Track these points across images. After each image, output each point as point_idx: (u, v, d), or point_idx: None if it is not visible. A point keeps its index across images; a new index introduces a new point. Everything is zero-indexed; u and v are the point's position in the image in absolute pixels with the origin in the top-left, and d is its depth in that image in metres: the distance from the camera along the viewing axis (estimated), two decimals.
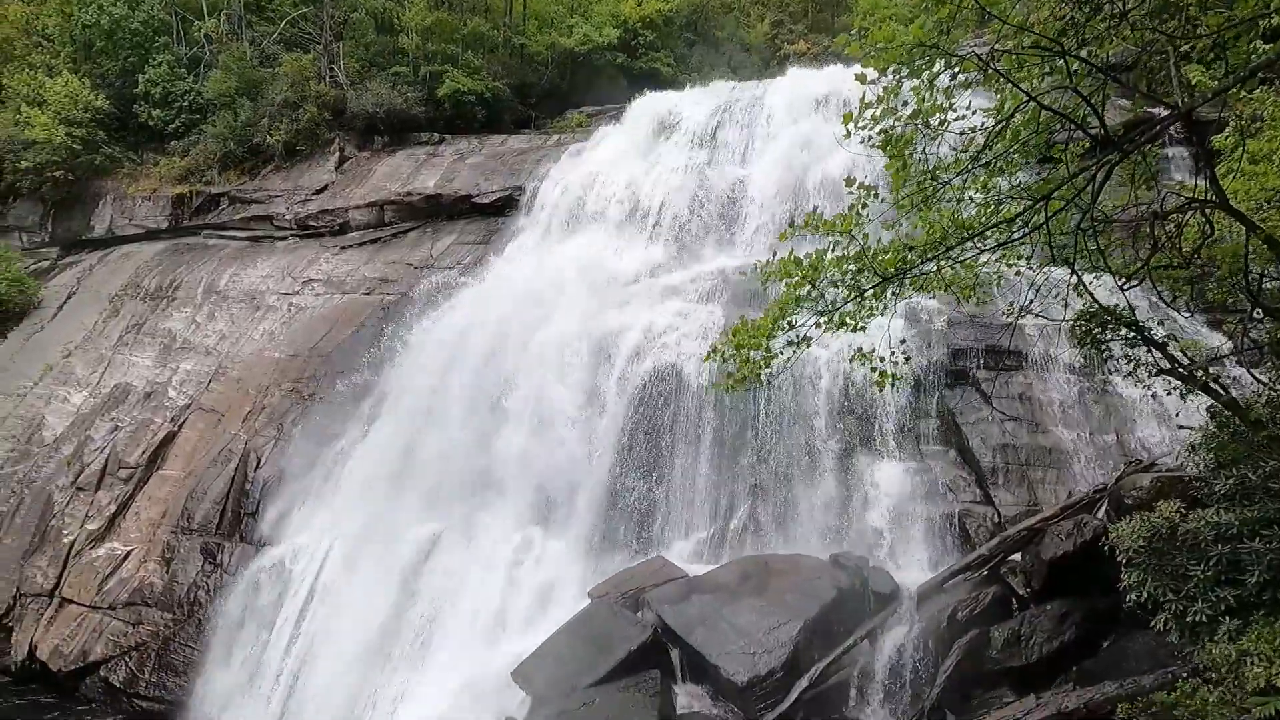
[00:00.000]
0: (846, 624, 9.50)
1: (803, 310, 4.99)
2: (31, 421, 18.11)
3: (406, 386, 14.80)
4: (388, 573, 12.18)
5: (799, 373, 11.98)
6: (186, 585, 14.02)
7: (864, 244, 4.77)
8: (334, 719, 11.01)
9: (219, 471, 15.41)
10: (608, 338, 13.56)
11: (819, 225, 4.82)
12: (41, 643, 14.39)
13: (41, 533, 15.76)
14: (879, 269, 4.77)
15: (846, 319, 5.13)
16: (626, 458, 12.41)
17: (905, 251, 4.75)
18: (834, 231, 4.80)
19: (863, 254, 4.73)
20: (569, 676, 9.28)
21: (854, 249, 4.77)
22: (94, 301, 20.75)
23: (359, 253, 19.81)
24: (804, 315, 5.04)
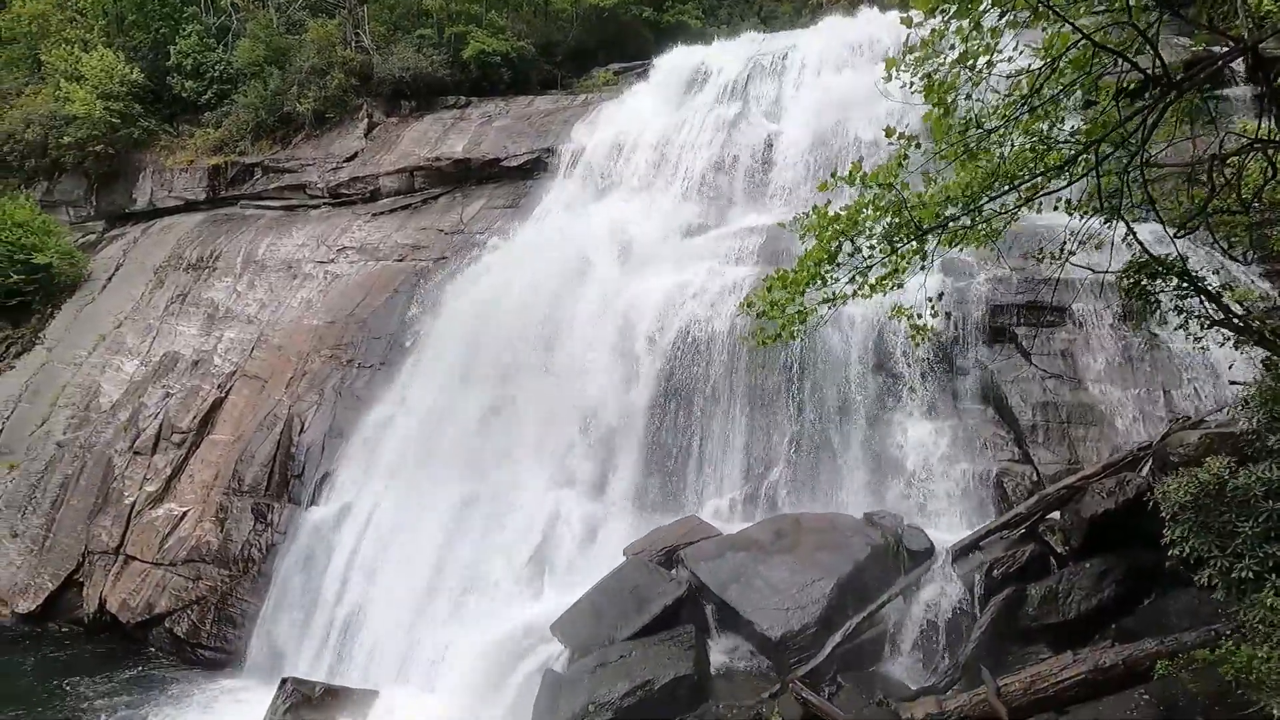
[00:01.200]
0: (880, 581, 9.53)
1: (838, 266, 4.88)
2: (89, 389, 18.93)
3: (440, 351, 15.04)
4: (428, 532, 12.58)
5: (833, 330, 11.83)
6: (240, 543, 14.70)
7: (903, 196, 4.60)
8: (384, 669, 11.52)
9: (265, 436, 15.96)
10: (638, 299, 13.54)
11: (860, 177, 4.64)
12: (110, 597, 15.29)
13: (104, 494, 16.61)
14: (918, 221, 4.60)
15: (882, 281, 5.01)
16: (659, 418, 12.49)
17: (945, 203, 4.57)
18: (874, 184, 4.63)
19: (901, 207, 4.56)
20: (606, 630, 9.53)
21: (892, 202, 4.60)
22: (140, 273, 21.39)
23: (390, 219, 19.97)
24: (839, 271, 4.93)
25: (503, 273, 15.49)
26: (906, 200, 4.54)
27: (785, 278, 4.92)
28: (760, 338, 5.42)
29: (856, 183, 4.66)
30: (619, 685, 8.65)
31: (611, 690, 8.59)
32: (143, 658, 14.21)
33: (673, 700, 8.50)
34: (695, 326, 12.85)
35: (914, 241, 4.74)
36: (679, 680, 8.59)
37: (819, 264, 4.76)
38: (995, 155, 4.78)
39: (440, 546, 12.35)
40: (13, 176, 23.91)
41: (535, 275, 14.93)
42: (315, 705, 10.42)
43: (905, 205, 4.53)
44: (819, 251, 4.74)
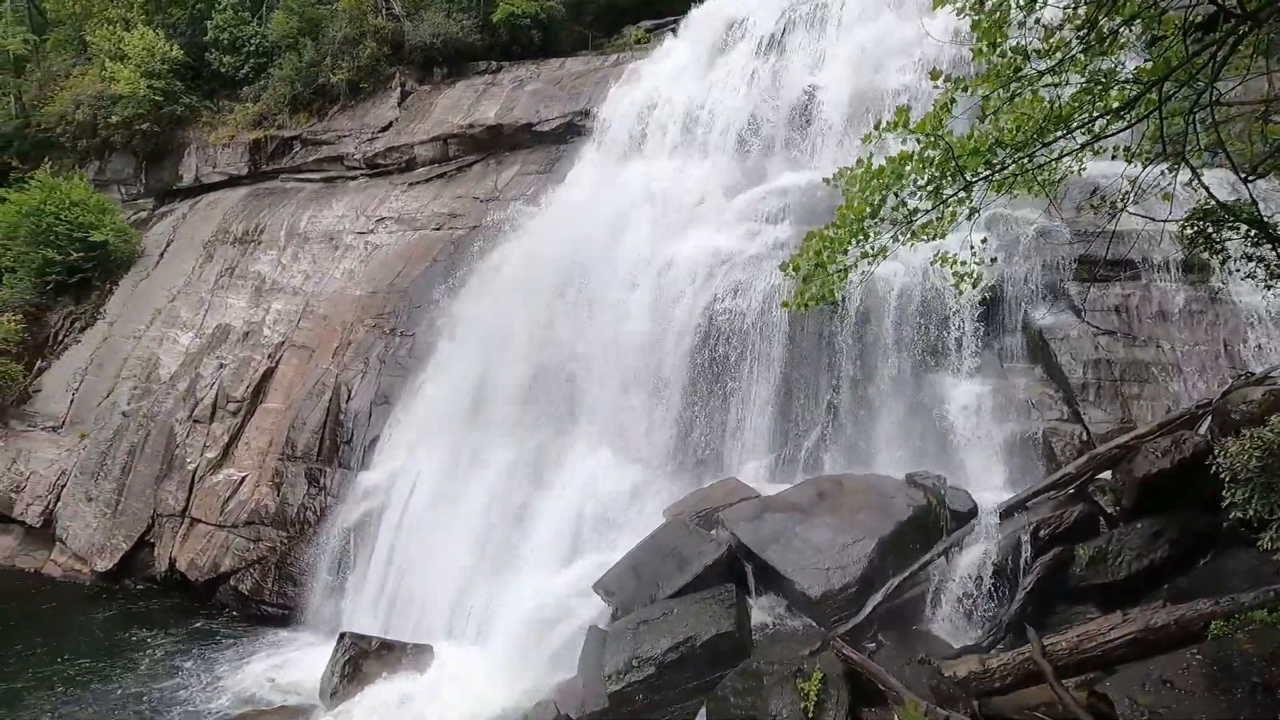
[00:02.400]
0: (922, 542, 9.48)
1: (880, 221, 4.72)
2: (149, 361, 19.77)
3: (479, 318, 15.22)
4: (474, 494, 12.93)
5: (874, 288, 11.58)
6: (296, 506, 15.35)
7: (949, 144, 4.40)
8: (434, 625, 12.01)
9: (315, 403, 16.50)
10: (675, 261, 13.44)
11: (906, 125, 4.45)
12: (179, 556, 16.19)
13: (168, 461, 17.46)
14: (965, 170, 4.41)
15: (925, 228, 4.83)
16: (697, 381, 12.49)
17: (994, 149, 4.36)
18: (920, 133, 4.43)
19: (947, 156, 4.37)
20: (647, 588, 9.72)
21: (938, 151, 4.41)
22: (189, 248, 22.07)
23: (427, 188, 20.11)
24: (882, 225, 4.78)
25: (538, 239, 15.51)
26: (953, 148, 4.34)
27: (826, 236, 4.79)
28: (801, 299, 5.32)
29: (900, 132, 4.47)
30: (662, 641, 8.86)
31: (655, 646, 8.81)
32: (211, 613, 15.08)
33: (715, 656, 8.67)
34: (733, 288, 12.72)
35: (961, 191, 4.54)
36: (721, 637, 8.75)
37: (861, 219, 4.61)
38: (1049, 97, 4.53)
39: (485, 508, 12.70)
40: (66, 157, 24.74)
41: (570, 241, 14.90)
42: (372, 658, 10.94)
43: (952, 154, 4.34)
44: (861, 206, 4.58)
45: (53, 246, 21.29)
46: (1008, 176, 4.73)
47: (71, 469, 18.57)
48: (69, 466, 18.67)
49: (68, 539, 17.61)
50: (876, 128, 4.77)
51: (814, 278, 4.93)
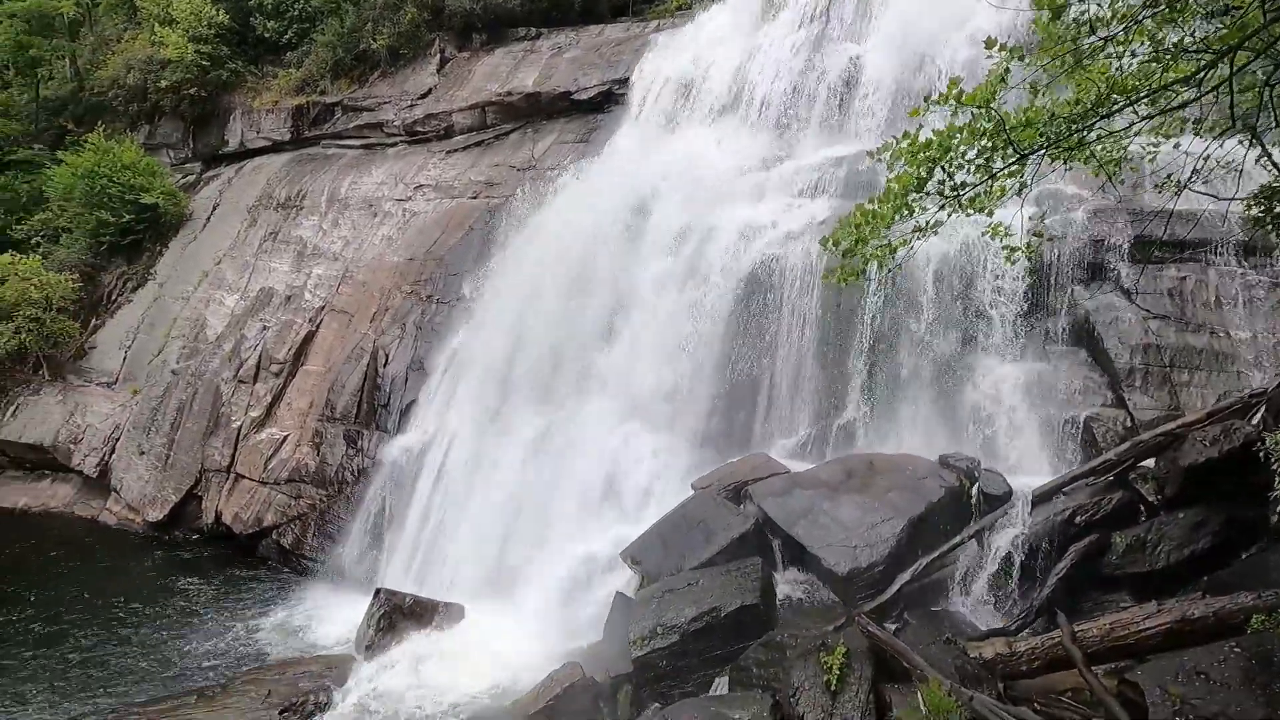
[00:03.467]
0: (953, 524, 9.39)
1: (925, 196, 4.58)
2: (196, 322, 20.42)
3: (512, 287, 15.32)
4: (506, 460, 13.17)
5: (913, 267, 11.32)
6: (335, 466, 15.83)
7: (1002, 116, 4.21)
8: (466, 585, 12.35)
9: (353, 367, 16.90)
10: (709, 234, 13.31)
11: (955, 96, 4.28)
12: (225, 510, 16.88)
13: (214, 418, 18.12)
14: (1018, 144, 4.23)
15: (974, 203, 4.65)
16: (729, 355, 12.44)
17: (1049, 123, 4.17)
18: (971, 105, 4.25)
19: (999, 128, 4.19)
20: (674, 558, 9.84)
21: (990, 123, 4.23)
22: (235, 212, 22.57)
23: (464, 156, 20.16)
24: (926, 201, 4.64)
25: (574, 209, 15.48)
26: (1006, 121, 4.16)
27: (868, 210, 4.66)
28: (842, 274, 5.21)
29: (950, 104, 4.31)
30: (686, 610, 8.98)
31: (679, 615, 8.93)
32: (254, 564, 15.75)
33: (738, 627, 8.77)
34: (769, 263, 12.57)
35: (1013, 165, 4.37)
36: (745, 609, 8.83)
37: (906, 193, 4.48)
38: (1111, 68, 4.31)
39: (517, 474, 12.94)
40: (118, 121, 25.38)
41: (606, 211, 14.85)
42: (406, 614, 11.33)
43: (1004, 126, 4.17)
44: (907, 180, 4.44)
45: (106, 208, 21.98)
46: (1063, 151, 4.54)
47: (125, 423, 19.40)
48: (122, 421, 19.50)
49: (122, 489, 18.47)
50: (926, 100, 4.61)
51: (854, 253, 4.82)
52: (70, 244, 23.00)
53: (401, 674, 10.36)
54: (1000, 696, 6.45)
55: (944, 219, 4.78)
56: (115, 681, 11.39)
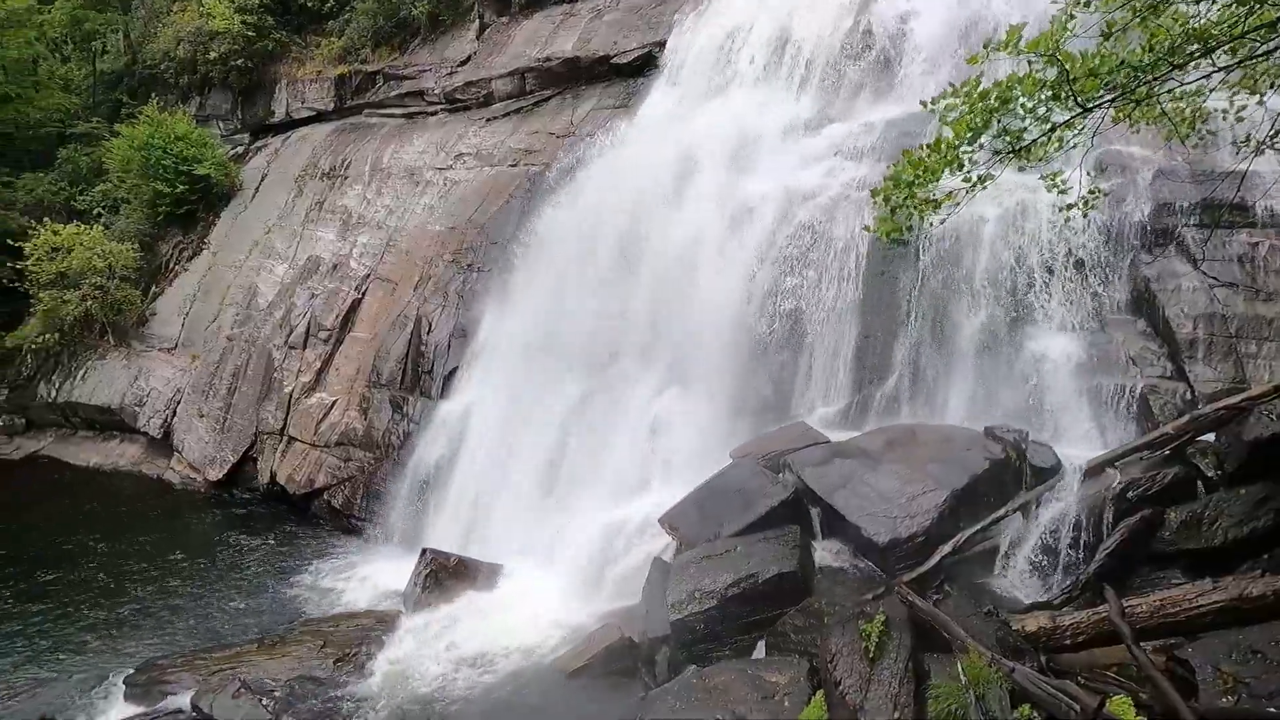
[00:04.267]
0: (998, 496, 9.21)
1: (979, 149, 4.37)
2: (249, 290, 21.08)
3: (552, 255, 15.38)
4: (545, 425, 13.38)
5: (963, 229, 10.96)
6: (381, 430, 16.31)
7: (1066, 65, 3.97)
8: (507, 546, 12.68)
9: (398, 335, 17.27)
10: (750, 199, 13.08)
11: (1018, 45, 4.04)
12: (279, 471, 17.60)
13: (268, 383, 18.79)
14: (1081, 96, 3.99)
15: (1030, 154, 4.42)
16: (769, 323, 12.31)
17: (1116, 71, 3.92)
18: (1034, 52, 4.01)
19: (1062, 77, 3.96)
20: (712, 526, 9.91)
21: (1053, 72, 3.99)
22: (282, 182, 23.05)
23: (504, 124, 20.12)
24: (980, 154, 4.43)
25: (611, 176, 15.36)
26: (1069, 69, 3.92)
27: (919, 161, 4.48)
28: (885, 228, 5.04)
29: (1010, 51, 4.08)
30: (724, 576, 9.07)
31: (716, 580, 9.03)
32: (307, 523, 16.44)
33: (776, 594, 8.82)
34: (809, 228, 12.32)
35: (1075, 119, 4.14)
36: (783, 576, 8.87)
37: (958, 145, 4.28)
38: (1186, 14, 4.01)
39: (557, 439, 13.14)
40: (170, 93, 26.02)
41: (643, 178, 14.70)
42: (451, 573, 11.72)
43: (1067, 76, 3.93)
44: (960, 131, 4.25)
45: (161, 179, 22.68)
46: (1129, 104, 4.28)
47: (185, 387, 20.29)
48: (183, 385, 20.39)
49: (183, 450, 19.41)
50: (986, 47, 4.37)
51: (901, 207, 4.66)
52: (129, 214, 23.86)
53: (445, 629, 10.75)
54: (1042, 669, 6.37)
55: (997, 174, 4.56)
56: (178, 628, 12.13)
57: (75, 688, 10.43)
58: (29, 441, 22.01)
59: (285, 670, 9.94)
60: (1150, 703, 5.98)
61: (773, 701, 6.95)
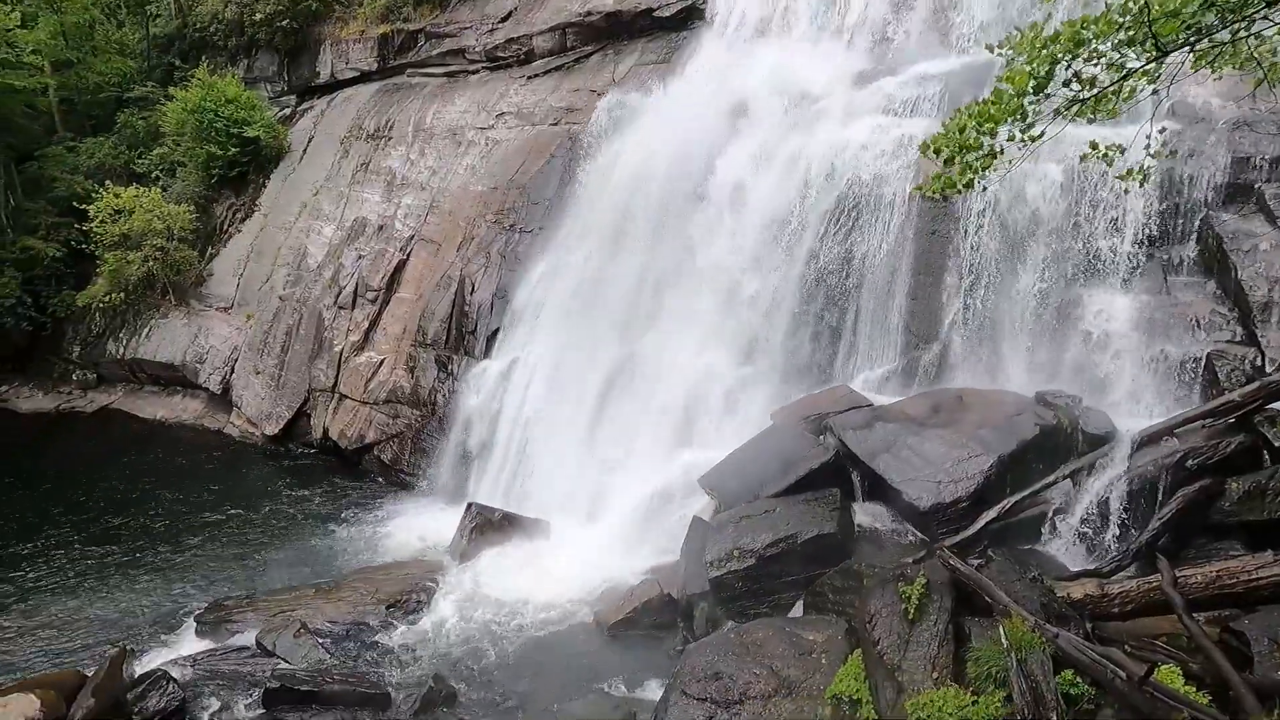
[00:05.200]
0: (1048, 463, 9.02)
1: (1045, 98, 4.10)
2: (299, 251, 21.60)
3: (594, 214, 15.31)
4: (587, 385, 13.52)
5: (1020, 183, 10.49)
6: (428, 388, 16.72)
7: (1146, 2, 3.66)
8: (548, 502, 12.98)
9: (442, 295, 17.53)
10: (798, 157, 12.74)
11: None
12: (331, 427, 18.25)
13: (319, 342, 19.37)
14: (1160, 38, 3.69)
15: (1100, 105, 4.14)
16: (814, 284, 12.10)
17: (1201, 12, 3.61)
18: None
19: (1140, 17, 3.66)
20: (752, 486, 9.97)
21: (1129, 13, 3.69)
22: (329, 144, 23.33)
23: (545, 81, 19.88)
24: (1043, 105, 4.17)
25: (653, 133, 15.10)
26: (1150, 6, 3.62)
27: (977, 112, 4.25)
28: (938, 185, 4.82)
29: None
30: (763, 536, 9.15)
31: (755, 539, 9.12)
32: (358, 477, 17.08)
33: (814, 555, 8.88)
34: (859, 185, 11.96)
35: (1150, 64, 3.85)
36: (822, 537, 8.91)
37: (1021, 94, 4.03)
38: None
39: (598, 399, 13.29)
40: (220, 56, 26.39)
41: (687, 135, 14.41)
42: (495, 527, 12.08)
43: (1146, 15, 3.63)
44: (1024, 78, 3.99)
45: (214, 142, 23.19)
46: (1212, 47, 3.96)
47: (241, 345, 21.07)
48: (239, 343, 21.17)
49: (242, 405, 20.26)
50: None
51: (956, 162, 4.43)
52: (185, 177, 24.53)
53: (491, 580, 11.14)
54: (1088, 636, 6.29)
55: (1063, 125, 4.30)
56: (239, 571, 12.87)
57: (149, 623, 11.19)
58: (101, 395, 23.25)
59: (340, 614, 10.47)
60: (1201, 673, 5.86)
61: (810, 659, 7.05)
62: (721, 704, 6.70)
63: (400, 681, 9.06)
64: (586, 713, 7.61)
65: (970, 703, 5.68)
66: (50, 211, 24.41)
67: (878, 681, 6.24)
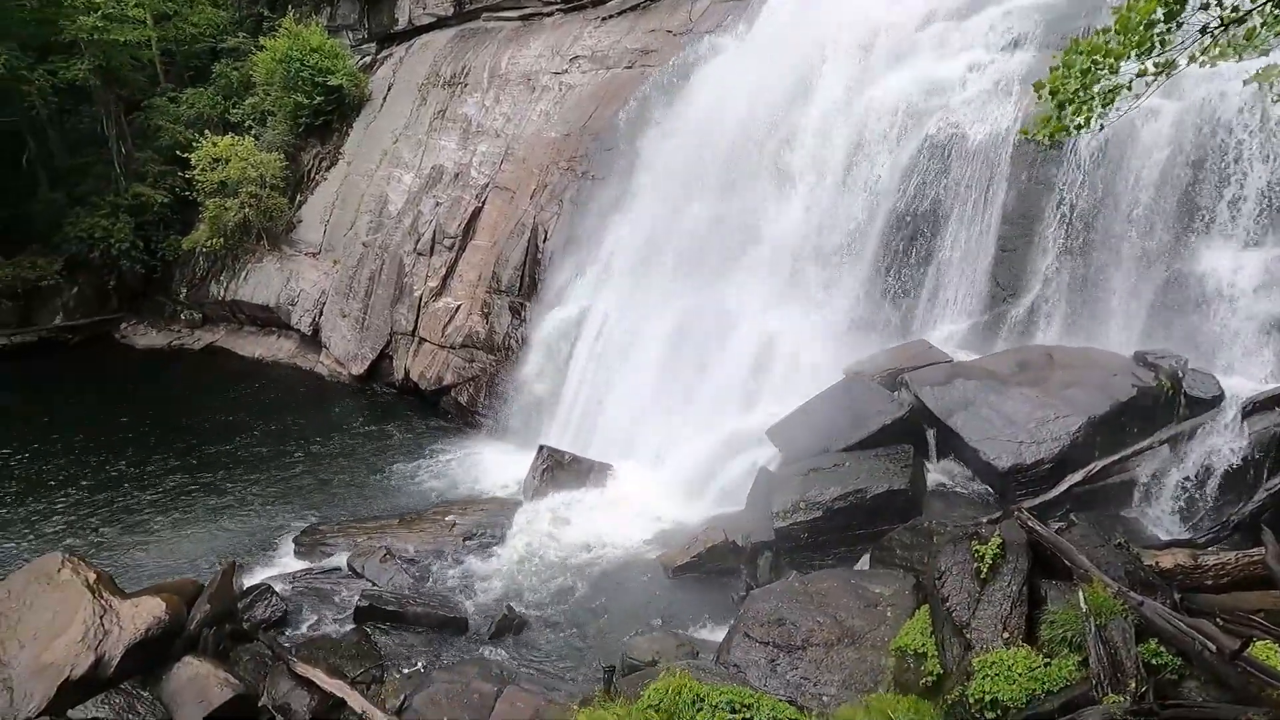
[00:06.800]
0: (1144, 426, 8.52)
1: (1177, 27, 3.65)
2: (380, 198, 22.27)
3: (667, 161, 15.03)
4: (656, 334, 13.55)
5: (1129, 127, 9.61)
6: (501, 334, 17.17)
7: None
8: (615, 447, 13.24)
9: (515, 243, 17.78)
10: (882, 98, 12.06)
11: None
12: (411, 369, 19.08)
13: (399, 288, 20.11)
14: None
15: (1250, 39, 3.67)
16: (894, 233, 11.59)
17: None
18: None
19: None
20: (821, 440, 9.86)
21: None
22: (407, 91, 23.68)
23: (620, 23, 19.42)
24: (1176, 34, 3.72)
25: (730, 77, 14.57)
26: None
27: (1097, 46, 3.84)
28: (1047, 128, 4.43)
29: None
30: (830, 489, 9.09)
31: (823, 492, 9.07)
32: (437, 417, 17.89)
33: (884, 510, 8.77)
34: (951, 127, 11.25)
35: None
36: (893, 493, 8.78)
37: (1150, 24, 3.60)
38: None
39: (666, 348, 13.31)
40: (304, 4, 26.94)
41: (764, 77, 13.85)
42: (565, 469, 12.47)
43: None
44: (1150, 4, 3.55)
45: (300, 91, 23.93)
46: None
47: (329, 289, 22.12)
48: (327, 287, 22.23)
49: (330, 346, 21.40)
50: None
51: (1071, 101, 4.03)
52: (275, 126, 25.49)
53: (561, 519, 11.56)
54: (1175, 607, 6.00)
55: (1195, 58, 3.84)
56: (328, 499, 13.86)
57: (252, 541, 12.27)
58: (206, 334, 25.06)
59: (421, 543, 11.16)
60: None
61: (875, 611, 7.05)
62: (784, 648, 6.81)
63: (476, 608, 9.63)
64: (651, 647, 7.89)
65: (1042, 664, 5.56)
66: (157, 160, 25.98)
67: (945, 637, 6.18)
